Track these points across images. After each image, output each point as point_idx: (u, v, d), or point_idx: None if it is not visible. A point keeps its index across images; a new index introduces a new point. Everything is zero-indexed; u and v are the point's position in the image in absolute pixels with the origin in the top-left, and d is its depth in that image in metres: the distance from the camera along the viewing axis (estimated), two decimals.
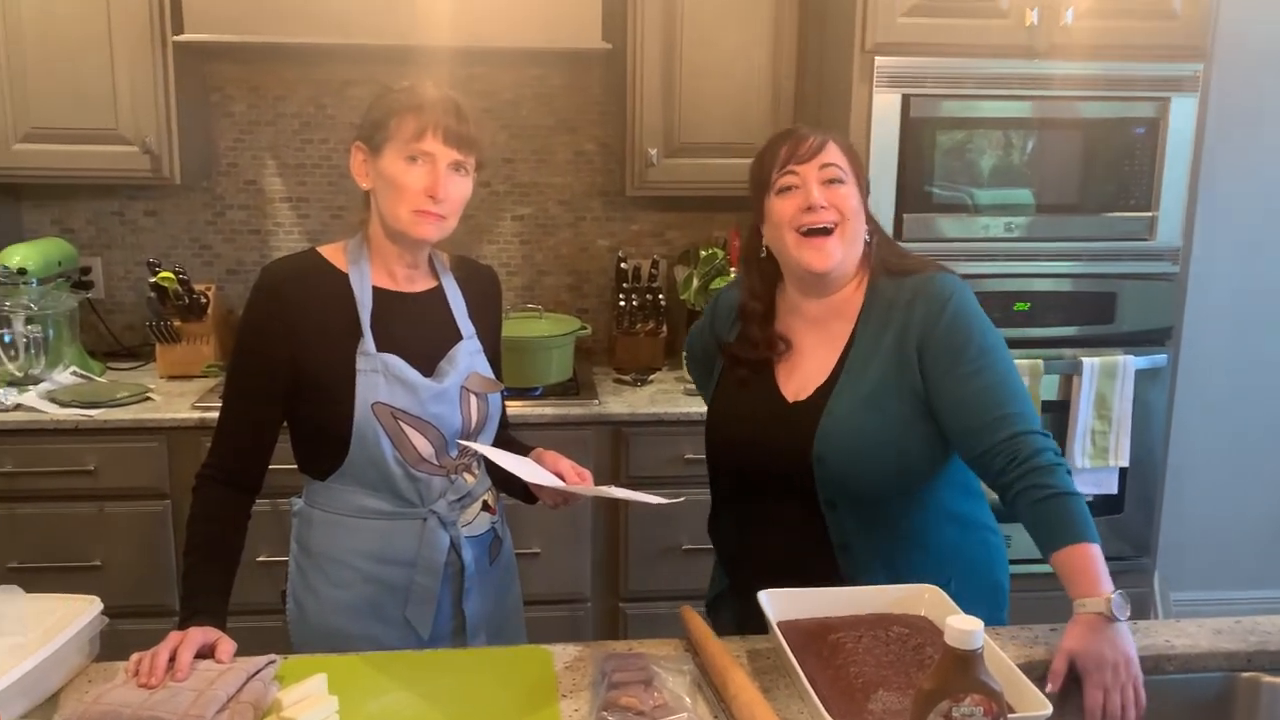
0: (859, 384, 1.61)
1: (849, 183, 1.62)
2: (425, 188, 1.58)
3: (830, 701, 1.29)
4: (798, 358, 1.69)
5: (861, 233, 1.65)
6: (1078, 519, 1.45)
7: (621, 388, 2.99)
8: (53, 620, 1.42)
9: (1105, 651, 1.36)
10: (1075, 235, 2.75)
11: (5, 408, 2.64)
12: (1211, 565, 3.50)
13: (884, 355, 1.61)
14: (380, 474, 1.62)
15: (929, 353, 1.58)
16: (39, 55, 2.76)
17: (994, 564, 1.72)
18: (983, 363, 1.56)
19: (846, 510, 1.62)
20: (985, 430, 1.52)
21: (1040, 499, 1.46)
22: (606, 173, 3.31)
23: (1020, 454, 1.49)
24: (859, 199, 1.64)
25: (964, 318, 1.59)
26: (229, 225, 3.24)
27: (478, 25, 2.72)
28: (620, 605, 2.90)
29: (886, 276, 1.66)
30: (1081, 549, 1.42)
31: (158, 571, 2.71)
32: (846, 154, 1.65)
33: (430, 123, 1.57)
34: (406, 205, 1.59)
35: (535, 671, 1.46)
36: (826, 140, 1.63)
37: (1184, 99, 2.70)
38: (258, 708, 1.32)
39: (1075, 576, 1.42)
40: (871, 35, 2.60)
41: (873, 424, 1.59)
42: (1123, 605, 1.37)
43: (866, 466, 1.59)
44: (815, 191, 1.60)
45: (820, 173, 1.61)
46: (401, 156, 1.58)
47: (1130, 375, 2.76)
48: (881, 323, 1.63)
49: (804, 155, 1.61)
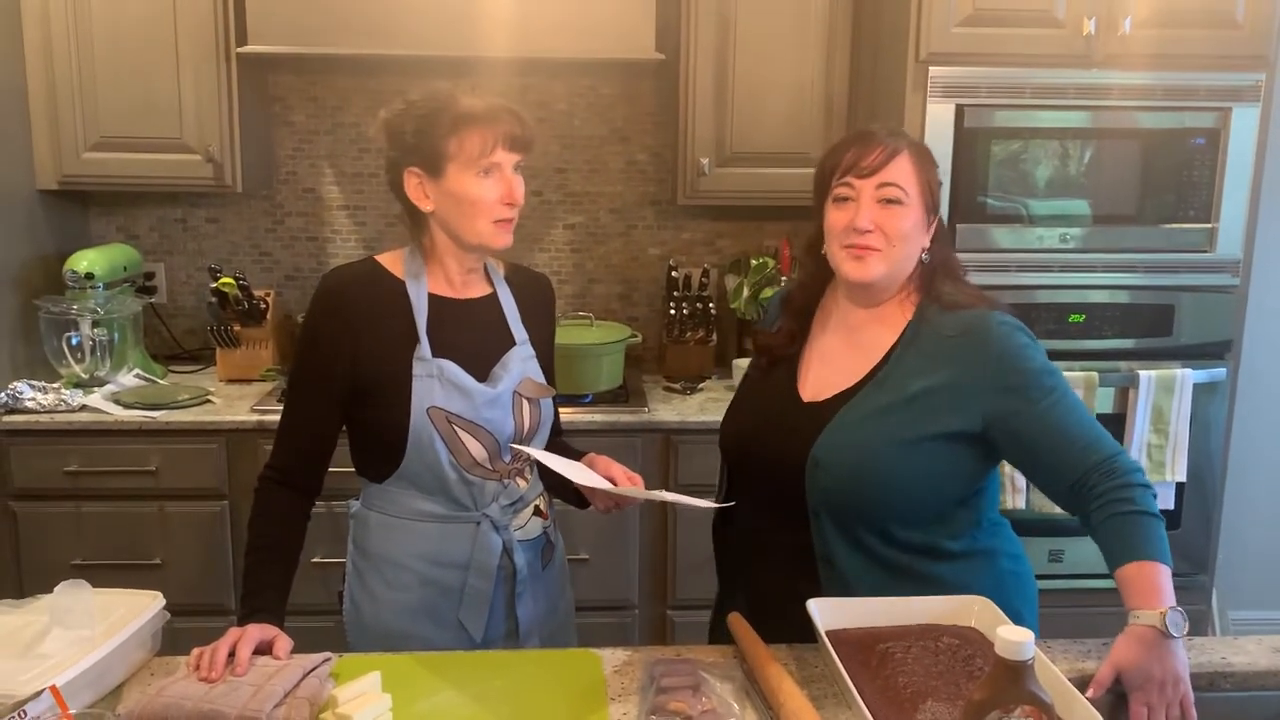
0: (881, 399, 1.57)
1: (908, 204, 1.56)
2: (500, 197, 1.61)
3: (878, 711, 1.28)
4: (825, 359, 1.66)
5: (912, 255, 1.60)
6: (1153, 538, 1.42)
7: (671, 395, 3.00)
8: (117, 615, 1.46)
9: (1154, 668, 1.34)
10: (1132, 247, 2.71)
11: (71, 408, 2.72)
12: (1271, 583, 3.42)
13: (923, 383, 1.55)
14: (435, 478, 1.64)
15: (999, 391, 1.53)
16: (108, 66, 2.85)
17: (1008, 594, 1.60)
18: (1052, 399, 1.52)
19: (830, 522, 1.57)
20: (1074, 464, 1.49)
21: (1118, 513, 1.44)
22: (658, 182, 3.32)
23: (1115, 471, 1.46)
24: (917, 219, 1.58)
25: (1027, 354, 1.55)
26: (288, 232, 3.31)
27: (532, 36, 2.75)
28: (668, 612, 2.90)
29: (937, 306, 1.60)
30: (1150, 566, 1.40)
31: (216, 570, 2.77)
32: (917, 168, 1.58)
33: (498, 134, 1.59)
34: (486, 218, 1.61)
35: (584, 675, 1.48)
36: (896, 154, 1.57)
37: (1246, 109, 2.66)
38: (313, 703, 1.35)
39: (1135, 590, 1.39)
40: (925, 45, 2.60)
41: (882, 441, 1.54)
42: (1179, 622, 1.34)
43: (859, 481, 1.54)
44: (865, 213, 1.56)
45: (877, 191, 1.56)
46: (471, 173, 1.59)
47: (1188, 389, 2.71)
48: (927, 350, 1.57)
49: (865, 170, 1.57)
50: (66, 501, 2.72)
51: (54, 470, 2.69)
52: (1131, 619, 1.38)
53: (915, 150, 1.60)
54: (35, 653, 1.37)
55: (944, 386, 1.55)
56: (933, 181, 1.61)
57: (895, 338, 1.61)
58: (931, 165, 1.62)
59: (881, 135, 1.59)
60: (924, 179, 1.59)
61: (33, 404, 2.69)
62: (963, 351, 1.56)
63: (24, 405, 2.69)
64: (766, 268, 3.14)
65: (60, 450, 2.69)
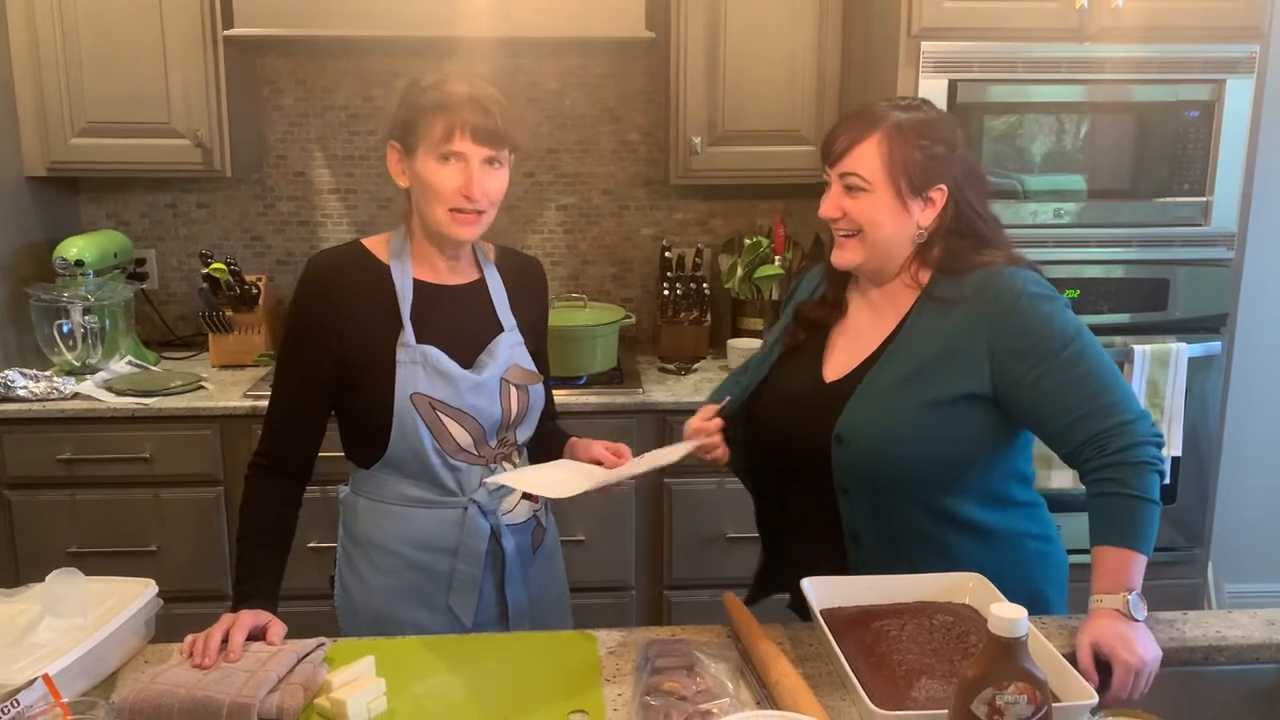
0: (896, 371, 1.56)
1: (873, 190, 1.53)
2: (459, 187, 1.58)
3: (873, 689, 1.28)
4: (849, 336, 1.66)
5: (896, 237, 1.56)
6: (1134, 523, 1.42)
7: (665, 376, 2.99)
8: (110, 603, 1.46)
9: (1122, 633, 1.36)
10: (1127, 221, 2.70)
11: (64, 396, 2.71)
12: (1267, 555, 3.43)
13: (937, 348, 1.54)
14: (420, 463, 1.64)
15: (1003, 353, 1.51)
16: (94, 52, 2.82)
17: (1034, 575, 1.63)
18: (1066, 355, 1.48)
19: (859, 497, 1.58)
20: (1077, 426, 1.47)
21: (1105, 494, 1.44)
22: (650, 161, 3.31)
23: (1109, 447, 1.44)
24: (888, 205, 1.54)
25: (1039, 311, 1.51)
26: (279, 216, 3.29)
27: (522, 16, 2.73)
28: (664, 593, 2.91)
29: (943, 275, 1.58)
30: (1122, 552, 1.41)
31: (211, 556, 2.77)
32: (886, 154, 1.52)
33: (458, 122, 1.56)
34: (443, 205, 1.59)
35: (579, 656, 1.48)
36: (859, 143, 1.53)
37: (1240, 81, 2.64)
38: (308, 688, 1.35)
39: (1101, 572, 1.41)
40: (918, 19, 2.57)
41: (902, 411, 1.53)
42: (1140, 605, 1.37)
43: (885, 453, 1.54)
44: (831, 200, 1.57)
45: (840, 179, 1.57)
46: (433, 157, 1.58)
47: (1183, 363, 2.71)
48: (937, 314, 1.56)
49: (829, 158, 1.58)
50: (61, 489, 2.72)
51: (48, 458, 2.68)
52: (1094, 602, 1.40)
53: (892, 132, 1.53)
54: (28, 641, 1.37)
55: (953, 349, 1.53)
56: (912, 161, 1.53)
57: (906, 311, 1.60)
58: (914, 143, 1.53)
59: (858, 119, 1.57)
60: (898, 160, 1.52)
61: (25, 392, 2.68)
62: (971, 312, 1.53)
63: (16, 394, 2.68)
64: (760, 247, 3.13)
65: (53, 438, 2.68)
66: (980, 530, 1.59)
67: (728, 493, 2.70)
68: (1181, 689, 1.44)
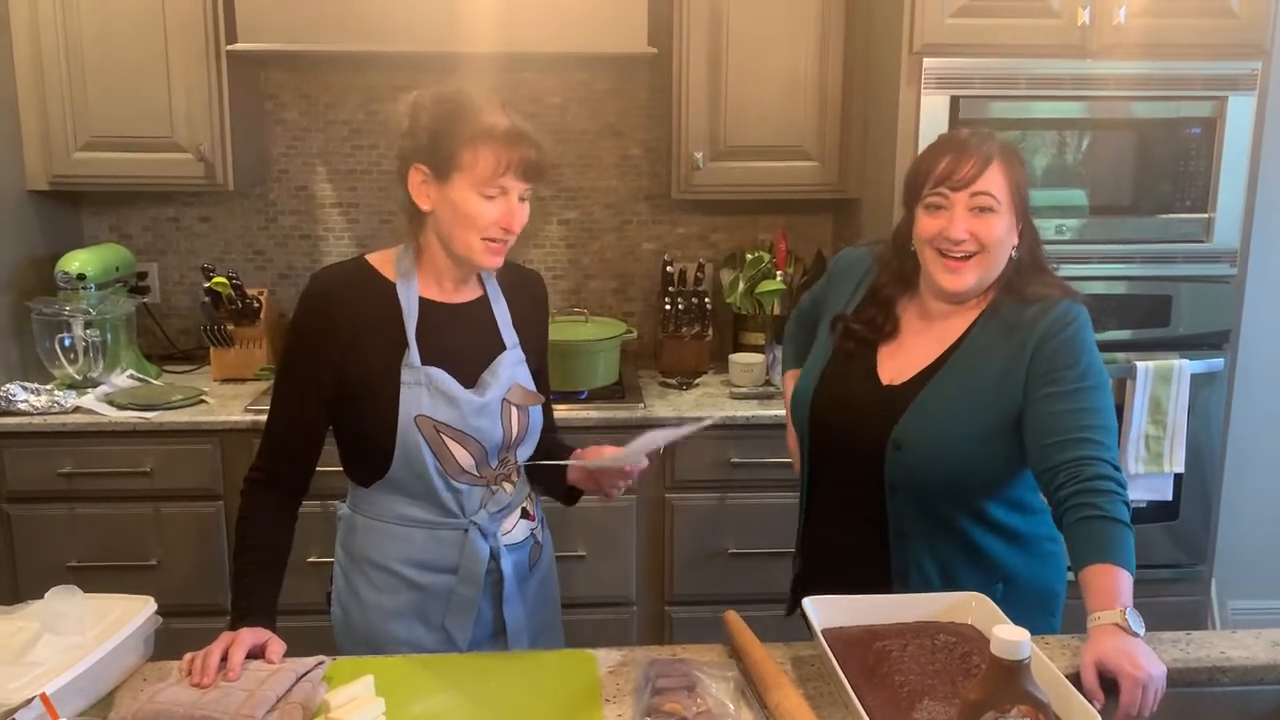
0: (957, 381, 1.64)
1: (1000, 210, 1.61)
2: (497, 219, 1.57)
3: (875, 710, 1.28)
4: (904, 342, 1.72)
5: (1003, 259, 1.65)
6: (1118, 545, 1.45)
7: (667, 391, 2.99)
8: (108, 621, 1.45)
9: (1127, 649, 1.35)
10: (1129, 237, 2.70)
11: (64, 410, 2.71)
12: (1270, 573, 3.41)
13: (993, 365, 1.62)
14: (423, 485, 1.63)
15: (1035, 367, 1.59)
16: (97, 66, 2.83)
17: (1049, 573, 1.74)
18: (1081, 387, 1.57)
19: (906, 500, 1.65)
20: (1062, 446, 1.53)
21: (1087, 517, 1.47)
22: (652, 176, 3.31)
23: (1084, 474, 1.50)
24: (1008, 224, 1.62)
25: (1077, 344, 1.59)
26: (281, 231, 3.29)
27: (525, 31, 2.74)
28: (666, 609, 2.89)
29: (1008, 296, 1.65)
30: (1112, 570, 1.42)
31: (211, 571, 2.76)
32: (1007, 175, 1.61)
33: (511, 160, 1.55)
34: (477, 234, 1.58)
35: (579, 676, 1.47)
36: (988, 165, 1.60)
37: (1242, 98, 2.64)
38: (307, 708, 1.34)
39: (1095, 592, 1.42)
40: (919, 36, 2.58)
41: (960, 421, 1.61)
42: (1138, 620, 1.37)
43: (939, 461, 1.61)
44: (959, 224, 1.60)
45: (971, 200, 1.60)
46: (476, 190, 1.55)
47: (1185, 379, 2.70)
48: (999, 334, 1.64)
49: (958, 183, 1.60)
50: (61, 503, 2.71)
51: (48, 472, 2.68)
52: (1092, 621, 1.40)
53: (1005, 154, 1.63)
54: (25, 660, 1.36)
55: (1004, 374, 1.61)
56: (1022, 183, 1.64)
57: (969, 324, 1.67)
58: (1020, 166, 1.65)
59: (974, 144, 1.63)
60: (1013, 182, 1.62)
61: (26, 406, 2.68)
62: (1024, 340, 1.61)
63: (17, 407, 2.67)
64: (762, 262, 3.13)
65: (54, 452, 2.68)
66: (1010, 532, 1.68)
67: (729, 508, 2.69)
68: (1185, 711, 1.44)
